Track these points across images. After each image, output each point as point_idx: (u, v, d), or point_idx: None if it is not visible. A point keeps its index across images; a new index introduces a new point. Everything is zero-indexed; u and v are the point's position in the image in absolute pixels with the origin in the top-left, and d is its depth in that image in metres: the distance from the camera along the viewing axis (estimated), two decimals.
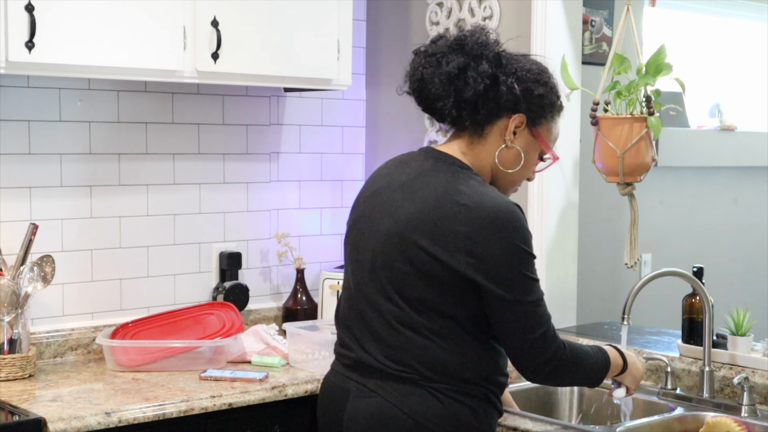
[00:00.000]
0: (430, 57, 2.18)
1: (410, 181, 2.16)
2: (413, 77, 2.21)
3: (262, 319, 3.45)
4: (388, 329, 2.12)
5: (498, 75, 2.15)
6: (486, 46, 2.18)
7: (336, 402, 2.21)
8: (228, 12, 2.96)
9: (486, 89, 2.14)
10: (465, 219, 2.05)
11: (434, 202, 2.09)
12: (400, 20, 3.62)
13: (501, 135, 2.19)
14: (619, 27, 3.01)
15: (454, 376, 2.10)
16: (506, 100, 2.16)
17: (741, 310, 2.69)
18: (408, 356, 2.10)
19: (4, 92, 2.94)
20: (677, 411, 2.57)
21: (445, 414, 2.09)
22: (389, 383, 2.11)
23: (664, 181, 4.30)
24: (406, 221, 2.10)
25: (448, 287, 2.07)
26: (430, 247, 2.06)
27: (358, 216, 2.26)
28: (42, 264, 2.83)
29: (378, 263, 2.14)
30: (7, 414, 2.44)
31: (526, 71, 2.18)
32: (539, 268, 3.13)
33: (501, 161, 2.20)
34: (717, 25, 4.87)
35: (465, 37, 2.18)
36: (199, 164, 3.33)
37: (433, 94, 2.17)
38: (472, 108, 2.15)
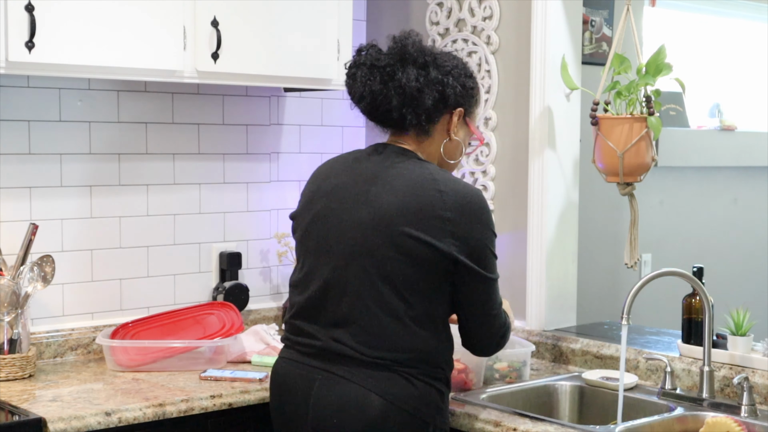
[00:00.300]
0: (377, 70, 2.30)
1: (381, 173, 2.29)
2: (363, 93, 2.32)
3: (262, 319, 3.45)
4: (367, 315, 2.22)
5: (443, 79, 2.32)
6: (423, 51, 2.33)
7: (297, 390, 2.28)
8: (228, 12, 2.96)
9: (439, 94, 2.31)
10: (448, 205, 2.22)
11: (414, 190, 2.23)
12: (400, 20, 3.62)
13: (444, 130, 2.38)
14: (619, 27, 3.01)
15: (427, 361, 2.25)
16: (451, 99, 2.35)
17: (741, 310, 2.69)
18: (385, 342, 2.21)
19: (4, 92, 2.94)
20: (677, 411, 2.57)
21: (418, 395, 2.23)
22: (361, 369, 2.21)
23: (664, 181, 4.31)
24: (389, 210, 2.23)
25: (433, 270, 2.22)
26: (418, 233, 2.20)
27: (321, 210, 2.33)
28: (42, 264, 2.83)
29: (357, 251, 2.24)
30: (7, 414, 2.44)
31: (455, 67, 2.37)
32: (539, 268, 3.16)
33: (446, 154, 2.40)
34: (717, 25, 4.87)
35: (404, 47, 2.32)
36: (199, 164, 3.33)
37: (391, 107, 2.30)
38: (428, 114, 2.32)
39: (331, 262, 2.28)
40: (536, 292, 3.17)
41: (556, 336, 3.11)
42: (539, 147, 3.15)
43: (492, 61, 3.29)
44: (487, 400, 2.65)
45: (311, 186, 2.42)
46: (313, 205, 2.36)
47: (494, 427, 2.44)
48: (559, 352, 3.07)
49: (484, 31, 3.32)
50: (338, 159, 2.45)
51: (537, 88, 3.15)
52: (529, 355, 2.86)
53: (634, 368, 2.86)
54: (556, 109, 3.16)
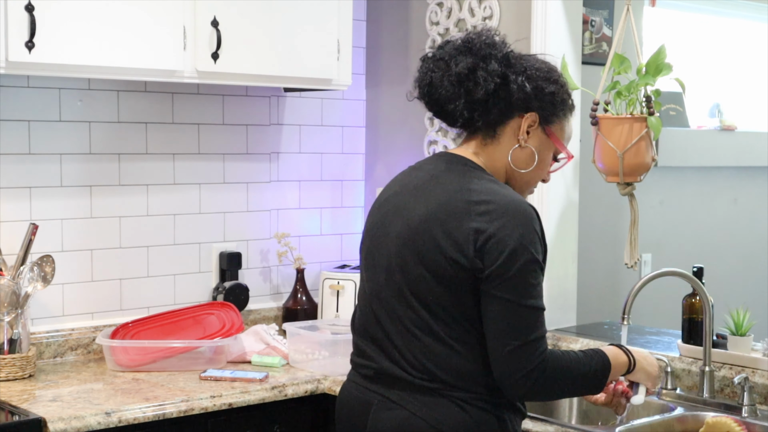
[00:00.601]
0: (438, 61, 2.15)
1: (423, 184, 2.14)
2: (422, 82, 2.17)
3: (262, 319, 3.45)
4: (407, 336, 2.07)
5: (508, 74, 2.12)
6: (494, 46, 2.15)
7: (356, 414, 2.15)
8: (228, 12, 2.96)
9: (497, 88, 2.11)
10: (475, 215, 2.01)
11: (446, 201, 2.06)
12: (400, 20, 3.62)
13: (514, 135, 2.15)
14: (619, 27, 3.01)
15: (477, 383, 2.04)
16: (517, 98, 2.12)
17: (741, 310, 2.69)
18: (429, 364, 2.05)
19: (4, 92, 2.94)
20: (677, 411, 2.57)
21: (471, 424, 2.04)
22: (413, 394, 2.06)
23: (664, 181, 4.30)
24: (418, 222, 2.07)
25: (460, 287, 2.02)
26: (442, 246, 2.02)
27: (371, 223, 2.22)
28: (42, 264, 2.83)
29: (393, 267, 2.10)
30: (7, 414, 2.44)
31: (536, 69, 2.16)
32: None
33: (514, 161, 2.16)
34: (717, 25, 4.87)
35: (472, 39, 2.15)
36: (199, 164, 3.33)
37: (443, 97, 2.14)
38: (483, 108, 2.12)
39: (374, 279, 2.16)
40: None
41: (556, 336, 3.11)
42: None
43: None
44: None
45: (378, 196, 2.28)
46: (370, 217, 2.24)
47: None
48: None
49: None
50: (404, 170, 2.26)
51: None
52: None
53: None
54: None
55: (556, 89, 2.17)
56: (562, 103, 2.18)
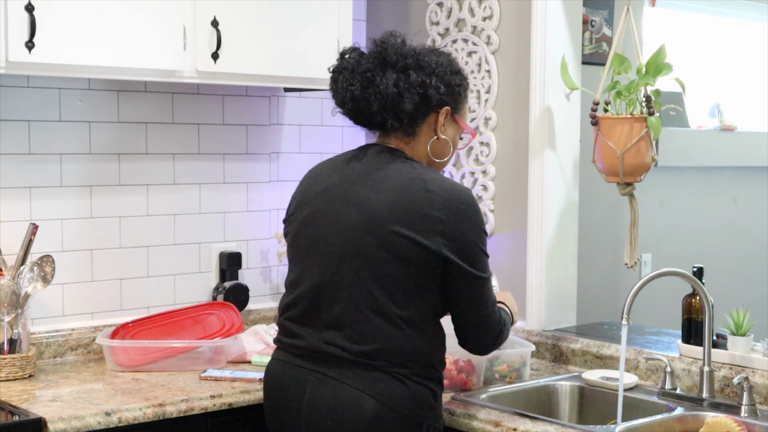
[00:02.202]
0: (360, 75, 2.30)
1: (368, 173, 2.30)
2: (344, 98, 2.34)
3: (262, 319, 3.45)
4: (359, 317, 2.22)
5: (425, 80, 2.30)
6: (406, 55, 2.31)
7: (290, 391, 2.28)
8: (228, 12, 2.96)
9: (420, 97, 2.30)
10: (436, 204, 2.22)
11: (402, 189, 2.24)
12: (400, 20, 3.62)
13: (431, 129, 2.37)
14: (619, 27, 3.01)
15: (419, 361, 2.25)
16: (436, 100, 2.33)
17: (741, 310, 2.69)
18: (377, 343, 2.21)
19: (4, 92, 2.94)
20: (677, 411, 2.57)
21: (410, 395, 2.23)
22: (353, 371, 2.22)
23: (664, 181, 4.31)
24: (379, 211, 2.23)
25: (423, 269, 2.22)
26: (407, 233, 2.20)
27: (311, 212, 2.34)
28: (42, 264, 2.83)
29: (348, 253, 2.24)
30: (7, 414, 2.44)
31: (440, 66, 2.34)
32: (539, 268, 3.16)
33: (434, 153, 2.39)
34: (717, 25, 4.87)
35: (384, 50, 2.31)
36: (199, 164, 3.33)
37: (371, 112, 2.31)
38: (411, 117, 2.31)
39: (322, 264, 2.28)
40: (536, 292, 3.17)
41: (556, 336, 3.11)
42: (539, 147, 3.15)
43: (492, 61, 3.29)
44: (487, 400, 2.65)
45: (301, 189, 2.43)
46: (304, 208, 2.36)
47: (494, 427, 2.44)
48: (559, 352, 3.07)
49: (484, 31, 3.32)
50: (328, 161, 2.46)
51: (537, 88, 3.15)
52: (529, 355, 2.86)
53: (634, 368, 2.86)
54: (556, 109, 3.16)
55: (460, 80, 2.39)
56: (465, 90, 2.41)
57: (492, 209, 3.30)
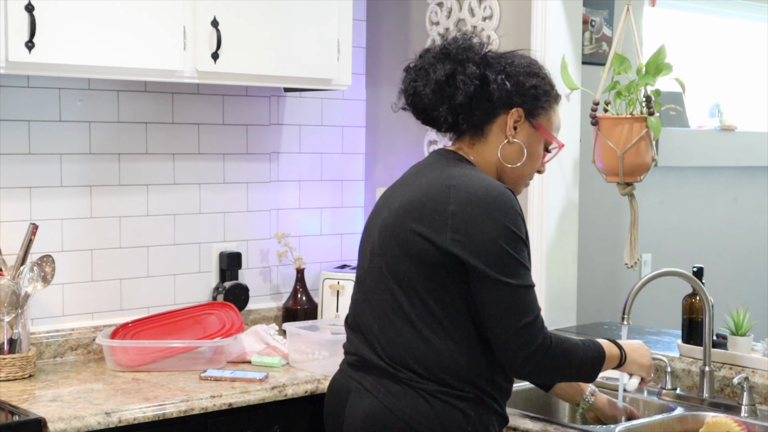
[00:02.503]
0: (420, 71, 2.21)
1: (411, 175, 2.21)
2: (407, 93, 2.23)
3: (262, 319, 3.45)
4: (384, 321, 2.11)
5: (487, 74, 2.17)
6: (470, 49, 2.21)
7: (338, 401, 2.21)
8: (228, 12, 2.96)
9: (477, 90, 2.16)
10: (453, 198, 2.05)
11: (426, 187, 2.11)
12: (400, 20, 3.62)
13: (502, 131, 2.19)
14: (619, 27, 3.01)
15: (447, 375, 2.06)
16: (499, 97, 2.17)
17: (741, 310, 2.69)
18: (401, 350, 2.07)
19: (4, 92, 2.94)
20: (677, 411, 2.57)
21: (433, 416, 2.05)
22: (384, 383, 2.09)
23: (664, 181, 4.30)
24: (398, 207, 2.13)
25: (436, 268, 2.05)
26: (418, 228, 2.07)
27: (368, 218, 2.28)
28: (42, 264, 2.83)
29: (375, 252, 2.16)
30: (7, 414, 2.44)
31: (515, 66, 2.20)
32: (539, 268, 3.16)
33: (504, 157, 2.19)
34: (717, 25, 4.87)
35: (449, 45, 2.21)
36: (199, 164, 3.33)
37: (427, 105, 2.19)
38: (466, 111, 2.17)
39: (361, 265, 2.22)
40: (536, 292, 3.17)
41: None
42: None
43: None
44: None
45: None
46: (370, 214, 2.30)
47: None
48: None
49: (484, 31, 3.32)
50: None
51: None
52: None
53: None
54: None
55: (537, 82, 2.21)
56: (545, 95, 2.22)
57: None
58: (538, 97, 2.20)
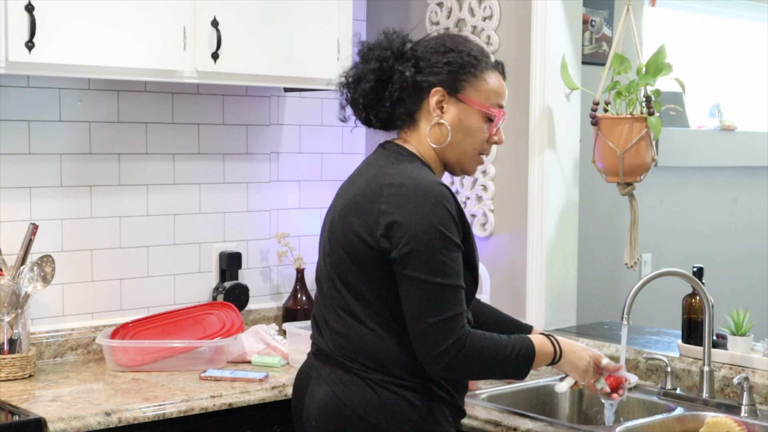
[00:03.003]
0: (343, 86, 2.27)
1: (357, 172, 2.25)
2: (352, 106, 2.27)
3: (262, 319, 3.45)
4: (334, 316, 2.17)
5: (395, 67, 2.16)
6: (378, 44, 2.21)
7: (300, 387, 2.28)
8: (228, 12, 2.96)
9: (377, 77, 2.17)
10: (385, 196, 2.07)
11: (364, 186, 2.13)
12: (400, 20, 3.62)
13: (430, 115, 2.18)
14: (619, 27, 3.01)
15: (393, 366, 2.10)
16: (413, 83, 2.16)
17: (741, 310, 2.69)
18: (349, 344, 2.13)
19: (4, 92, 2.94)
20: (677, 411, 2.57)
21: (379, 405, 2.09)
22: (336, 371, 2.15)
23: (664, 181, 4.30)
24: (342, 207, 2.16)
25: (373, 267, 2.08)
26: (355, 227, 2.09)
27: (326, 214, 2.32)
28: (42, 264, 2.83)
29: (325, 251, 2.21)
30: (7, 414, 2.44)
31: (424, 48, 2.19)
32: (539, 268, 3.15)
33: (432, 139, 2.18)
34: (717, 25, 4.87)
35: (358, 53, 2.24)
36: (199, 164, 3.33)
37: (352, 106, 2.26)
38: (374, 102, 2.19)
39: (318, 263, 2.28)
40: (536, 292, 3.17)
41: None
42: (539, 147, 3.15)
43: None
44: (487, 400, 2.65)
45: None
46: None
47: (494, 427, 2.44)
48: None
49: (484, 31, 3.32)
50: None
51: (537, 88, 3.15)
52: None
53: (634, 368, 2.86)
54: (556, 109, 3.16)
55: (451, 58, 2.18)
56: (462, 67, 2.18)
57: (492, 209, 3.30)
58: (454, 72, 2.17)
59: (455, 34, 2.30)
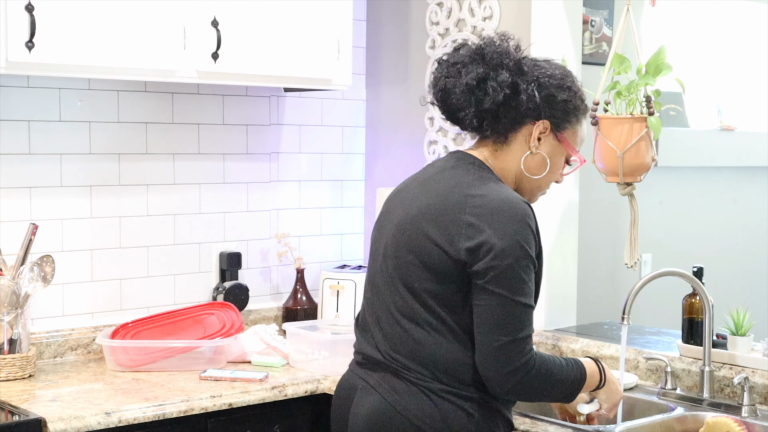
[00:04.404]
0: (452, 67, 2.19)
1: (430, 177, 2.19)
2: (436, 87, 2.22)
3: (262, 319, 3.45)
4: (391, 320, 2.13)
5: (518, 83, 2.15)
6: (506, 54, 2.18)
7: (344, 398, 2.22)
8: (228, 12, 2.96)
9: (506, 98, 2.15)
10: (470, 208, 2.06)
11: (444, 193, 2.11)
12: (400, 20, 3.62)
13: (526, 141, 2.19)
14: (619, 27, 3.01)
15: (452, 375, 2.07)
16: (527, 107, 2.16)
17: (741, 310, 2.68)
18: (407, 350, 2.09)
19: (4, 92, 2.94)
20: (677, 411, 2.57)
21: (437, 415, 2.06)
22: (389, 380, 2.11)
23: (664, 181, 4.30)
24: (416, 212, 2.13)
25: (449, 278, 2.06)
26: (433, 235, 2.07)
27: (380, 214, 2.28)
28: (42, 264, 2.83)
29: (388, 254, 2.17)
30: (7, 414, 2.44)
31: (549, 77, 2.19)
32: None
33: (527, 167, 2.20)
34: (717, 25, 4.87)
35: (485, 46, 2.19)
36: (199, 164, 3.33)
37: (454, 105, 2.19)
38: (492, 117, 2.16)
39: (373, 265, 2.22)
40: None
41: (556, 336, 3.11)
42: None
43: None
44: None
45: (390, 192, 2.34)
46: (381, 210, 2.30)
47: None
48: (559, 352, 3.07)
49: (484, 31, 3.32)
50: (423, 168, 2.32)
51: None
52: None
53: (634, 368, 2.86)
54: None
55: (568, 96, 2.20)
56: (574, 110, 2.22)
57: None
58: (567, 112, 2.21)
59: (568, 69, 2.28)
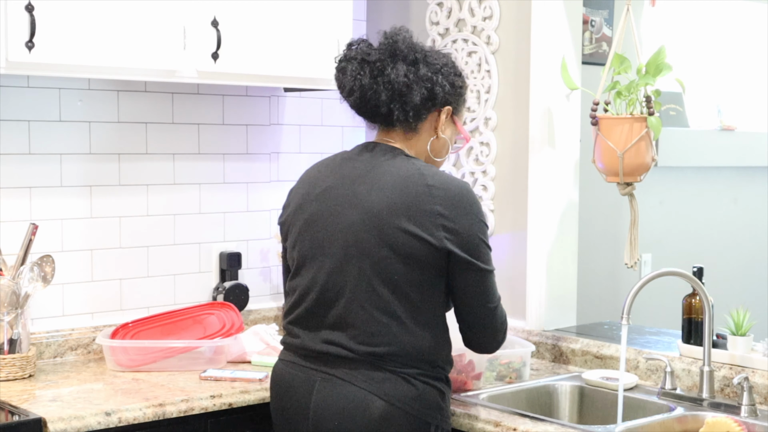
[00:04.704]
0: (367, 65, 2.31)
1: (368, 172, 2.30)
2: (353, 87, 2.33)
3: (262, 319, 3.45)
4: (364, 317, 2.22)
5: (432, 76, 2.32)
6: (414, 47, 2.34)
7: (297, 392, 2.29)
8: (228, 12, 2.96)
9: (428, 92, 2.32)
10: (437, 199, 2.22)
11: (402, 186, 2.24)
12: (400, 20, 3.62)
13: (432, 127, 2.39)
14: (619, 27, 3.01)
15: (426, 360, 2.26)
16: (441, 98, 2.35)
17: (741, 310, 2.69)
18: (383, 342, 2.21)
19: (4, 92, 2.94)
20: (677, 411, 2.57)
21: (418, 396, 2.24)
22: (360, 371, 2.22)
23: (664, 181, 4.31)
24: (379, 209, 2.23)
25: (427, 265, 2.22)
26: (410, 228, 2.21)
27: (312, 215, 2.33)
28: (42, 264, 2.83)
29: (352, 253, 2.24)
30: (7, 414, 2.44)
31: (447, 66, 2.38)
32: (539, 267, 3.16)
33: (433, 151, 2.40)
34: (716, 25, 4.87)
35: (395, 42, 2.33)
36: (199, 164, 3.33)
37: (379, 102, 2.31)
38: (416, 111, 2.32)
39: (326, 267, 2.28)
40: (536, 292, 3.17)
41: (556, 336, 3.11)
42: (539, 147, 3.15)
43: (492, 61, 3.29)
44: (487, 400, 2.65)
45: (300, 190, 2.40)
46: (304, 209, 2.35)
47: (494, 427, 2.44)
48: (559, 352, 3.07)
49: (484, 31, 3.32)
50: (326, 161, 2.45)
51: (537, 88, 3.15)
52: (529, 355, 2.86)
53: (634, 368, 2.86)
54: (556, 109, 3.16)
55: (462, 82, 2.43)
56: (465, 93, 2.44)
57: (492, 209, 3.30)
58: (461, 95, 2.44)
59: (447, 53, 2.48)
